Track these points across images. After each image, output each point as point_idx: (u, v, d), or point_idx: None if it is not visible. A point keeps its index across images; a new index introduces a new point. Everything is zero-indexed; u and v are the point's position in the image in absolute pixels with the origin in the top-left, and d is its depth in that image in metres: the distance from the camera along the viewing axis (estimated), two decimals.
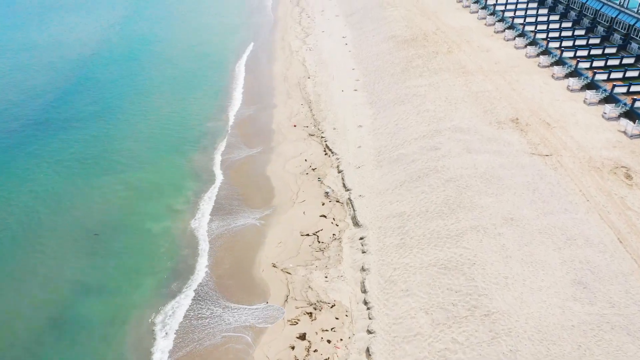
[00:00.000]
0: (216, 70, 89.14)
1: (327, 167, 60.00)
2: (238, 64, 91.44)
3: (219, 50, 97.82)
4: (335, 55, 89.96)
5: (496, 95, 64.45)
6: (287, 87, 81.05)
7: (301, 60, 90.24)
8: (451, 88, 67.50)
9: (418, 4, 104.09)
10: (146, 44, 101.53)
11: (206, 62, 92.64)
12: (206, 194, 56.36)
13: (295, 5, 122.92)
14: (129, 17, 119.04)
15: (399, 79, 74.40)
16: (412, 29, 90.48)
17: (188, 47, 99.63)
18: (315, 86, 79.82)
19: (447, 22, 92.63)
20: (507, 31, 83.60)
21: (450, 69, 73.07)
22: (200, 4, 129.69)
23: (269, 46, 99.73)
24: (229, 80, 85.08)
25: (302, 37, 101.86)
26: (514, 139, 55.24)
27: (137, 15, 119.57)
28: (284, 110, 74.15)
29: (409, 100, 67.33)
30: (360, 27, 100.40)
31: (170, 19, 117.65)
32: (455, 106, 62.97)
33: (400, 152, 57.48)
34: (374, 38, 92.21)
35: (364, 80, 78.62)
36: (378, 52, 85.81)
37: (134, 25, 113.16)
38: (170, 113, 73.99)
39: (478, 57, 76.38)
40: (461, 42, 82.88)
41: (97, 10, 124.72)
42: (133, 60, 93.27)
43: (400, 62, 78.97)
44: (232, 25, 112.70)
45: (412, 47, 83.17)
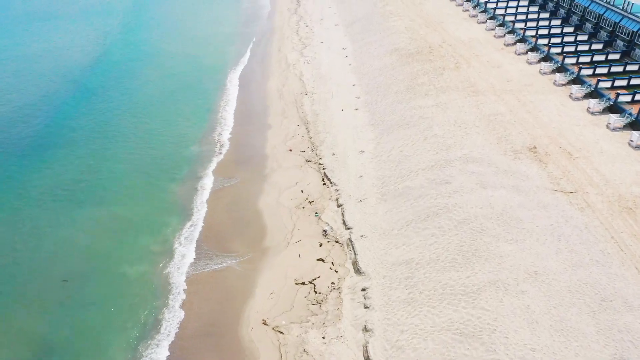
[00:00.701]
0: (208, 85, 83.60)
1: (325, 199, 54.50)
2: (231, 78, 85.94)
3: (212, 63, 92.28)
4: (334, 69, 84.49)
5: (510, 118, 58.92)
6: (283, 105, 75.53)
7: (298, 75, 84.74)
8: (460, 110, 61.99)
9: (422, 14, 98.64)
10: (136, 56, 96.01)
11: (198, 75, 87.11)
12: (188, 231, 50.90)
13: (292, 14, 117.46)
14: (121, 25, 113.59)
15: (403, 97, 68.89)
16: (417, 41, 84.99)
17: (180, 59, 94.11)
18: (313, 104, 74.31)
19: (453, 34, 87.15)
20: (519, 44, 78.10)
21: (459, 88, 67.56)
22: (195, 11, 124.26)
23: (264, 58, 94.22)
24: (221, 97, 79.55)
25: (299, 48, 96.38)
26: (533, 171, 49.71)
27: (129, 24, 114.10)
28: (279, 131, 68.63)
29: (415, 123, 61.84)
30: (361, 38, 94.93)
31: (163, 28, 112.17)
32: (466, 131, 57.44)
33: (406, 184, 51.95)
34: (376, 51, 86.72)
35: (365, 98, 73.14)
36: (380, 67, 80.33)
37: (125, 35, 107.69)
38: (156, 135, 68.46)
39: (488, 74, 70.87)
40: (469, 56, 77.39)
41: (85, 21, 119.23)
42: (122, 75, 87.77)
43: (405, 79, 73.48)
44: (228, 35, 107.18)
45: (417, 61, 77.66)
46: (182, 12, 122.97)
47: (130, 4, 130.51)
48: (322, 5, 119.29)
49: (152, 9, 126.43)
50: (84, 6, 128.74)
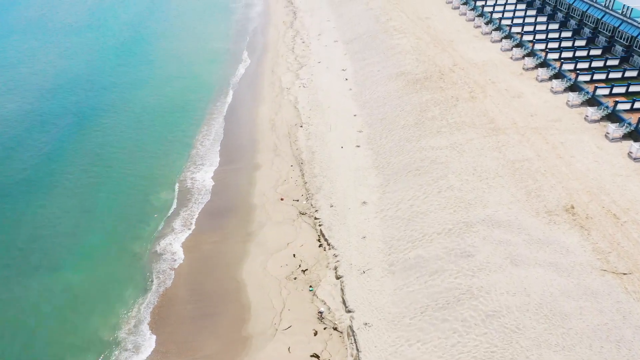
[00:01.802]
0: (192, 113, 74.74)
1: (321, 266, 45.76)
2: (218, 105, 77.10)
3: (197, 86, 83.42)
4: (333, 95, 75.71)
5: (539, 166, 50.12)
6: (275, 139, 66.73)
7: (293, 101, 75.94)
8: (480, 154, 53.23)
9: (430, 30, 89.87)
10: (111, 80, 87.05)
11: (181, 101, 78.26)
12: (144, 312, 42.26)
13: (288, 28, 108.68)
14: (97, 44, 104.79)
15: (411, 134, 60.13)
16: (425, 63, 76.20)
17: (162, 82, 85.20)
18: (309, 139, 65.54)
19: (465, 55, 78.37)
20: (540, 70, 69.30)
21: (476, 124, 58.80)
22: (184, 26, 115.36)
23: (256, 80, 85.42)
24: (206, 128, 70.76)
25: (295, 68, 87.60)
26: (574, 241, 40.93)
27: (107, 42, 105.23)
28: (269, 173, 59.84)
29: (426, 169, 53.07)
30: (362, 57, 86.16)
31: (150, 44, 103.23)
32: (488, 183, 48.67)
33: (418, 253, 43.19)
34: (380, 74, 77.94)
35: (368, 132, 64.41)
36: (385, 94, 71.56)
37: (106, 52, 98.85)
38: (125, 177, 59.72)
39: (508, 106, 62.10)
40: (485, 83, 68.61)
41: (56, 37, 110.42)
42: (93, 103, 78.80)
43: (413, 110, 64.71)
44: (217, 52, 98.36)
45: (426, 89, 68.89)
46: (169, 26, 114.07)
47: (112, 18, 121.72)
48: (320, 19, 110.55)
49: (135, 22, 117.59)
50: (66, 20, 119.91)
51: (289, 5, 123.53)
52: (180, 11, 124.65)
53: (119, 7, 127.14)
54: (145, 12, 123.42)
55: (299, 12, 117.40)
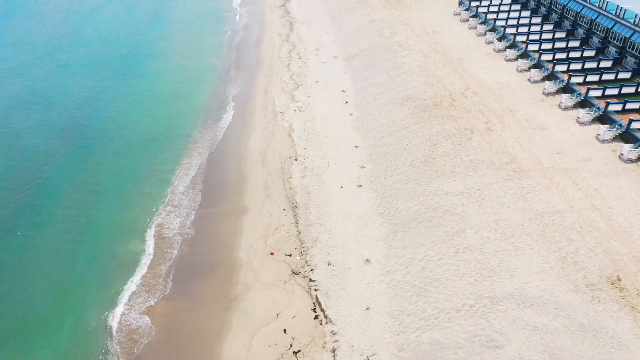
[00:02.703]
0: (174, 143, 67.22)
1: (317, 347, 38.34)
2: (203, 133, 69.55)
3: (182, 110, 75.93)
4: (332, 122, 68.28)
5: (573, 221, 42.70)
6: (266, 176, 59.30)
7: (287, 128, 68.50)
8: (501, 203, 45.80)
9: (437, 47, 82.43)
10: (93, 98, 79.74)
11: (163, 127, 70.76)
12: None
13: (284, 41, 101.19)
14: (83, 58, 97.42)
15: (420, 175, 52.72)
16: (434, 86, 68.77)
17: (146, 104, 77.78)
18: (305, 176, 58.11)
19: (478, 76, 70.94)
20: (564, 97, 61.83)
21: (495, 163, 51.37)
22: (173, 39, 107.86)
23: (247, 103, 77.92)
24: (187, 161, 63.20)
25: (290, 89, 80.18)
26: (625, 329, 33.50)
27: (92, 57, 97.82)
28: (258, 220, 52.38)
29: (439, 220, 45.62)
30: (364, 76, 78.73)
31: (132, 61, 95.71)
32: (514, 243, 41.26)
33: (433, 336, 35.77)
34: (383, 97, 70.52)
35: (371, 169, 56.99)
36: (389, 122, 64.14)
37: (85, 70, 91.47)
38: (87, 222, 52.51)
39: (530, 141, 54.67)
40: (502, 111, 61.19)
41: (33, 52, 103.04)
42: (68, 132, 71.51)
43: (422, 144, 57.30)
44: (207, 70, 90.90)
45: (436, 117, 61.49)
46: (156, 40, 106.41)
47: (94, 33, 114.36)
48: (319, 31, 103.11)
49: (120, 36, 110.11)
50: (50, 35, 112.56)
51: (285, 16, 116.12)
52: (169, 23, 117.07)
53: (103, 22, 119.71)
54: (131, 24, 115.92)
55: (296, 24, 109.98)
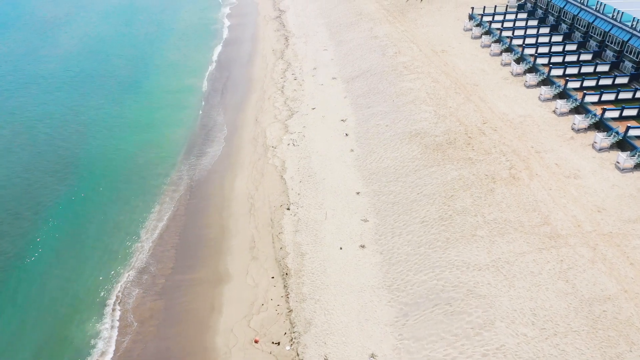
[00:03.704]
0: (148, 183, 58.82)
1: None
2: (182, 172, 60.99)
3: (161, 142, 67.35)
4: (330, 160, 59.78)
5: (630, 313, 34.21)
6: (253, 230, 50.79)
7: (279, 168, 59.98)
8: (537, 283, 37.31)
9: (448, 69, 73.94)
10: (62, 126, 71.25)
11: (137, 164, 62.31)
12: None
13: (278, 58, 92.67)
14: (54, 74, 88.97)
15: (435, 236, 44.23)
16: (446, 120, 60.32)
17: (120, 134, 69.25)
18: (298, 231, 49.58)
19: (496, 107, 62.49)
20: (599, 135, 53.37)
21: (525, 225, 42.89)
22: (158, 55, 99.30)
23: (234, 134, 69.39)
24: (160, 209, 54.73)
25: (284, 117, 71.66)
26: None
27: (69, 73, 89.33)
28: (241, 291, 43.87)
29: (461, 305, 37.11)
30: (366, 104, 70.26)
31: (110, 79, 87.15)
32: (558, 345, 32.76)
33: None
34: (389, 131, 62.05)
35: (375, 224, 48.53)
36: (396, 163, 55.68)
37: (59, 89, 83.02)
38: (36, 293, 43.94)
39: (565, 194, 46.20)
40: (527, 153, 52.73)
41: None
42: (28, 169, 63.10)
43: (435, 195, 48.80)
44: (191, 92, 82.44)
45: (451, 160, 53.03)
46: (140, 55, 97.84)
47: (70, 45, 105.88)
48: (316, 47, 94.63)
49: (101, 49, 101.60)
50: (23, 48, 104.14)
51: (280, 29, 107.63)
52: (152, 37, 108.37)
53: (82, 36, 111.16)
54: (112, 39, 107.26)
55: (292, 38, 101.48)
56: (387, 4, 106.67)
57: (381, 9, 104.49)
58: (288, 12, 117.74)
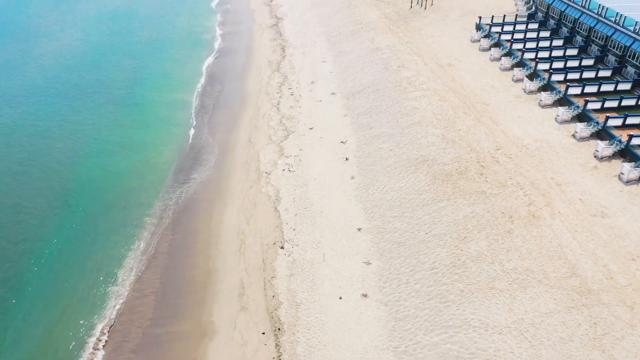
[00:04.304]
0: (128, 216, 53.60)
1: None
2: (165, 206, 55.67)
3: (145, 166, 62.14)
4: (329, 189, 54.62)
5: None
6: (243, 273, 45.62)
7: (273, 198, 54.78)
8: (569, 353, 32.15)
9: (455, 85, 68.81)
10: (38, 147, 66.13)
11: (118, 192, 57.14)
12: None
13: (274, 71, 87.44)
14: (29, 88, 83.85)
15: (447, 287, 39.07)
16: (456, 145, 55.17)
17: (100, 158, 64.08)
18: (293, 275, 44.40)
19: (509, 130, 57.37)
20: (626, 166, 48.15)
21: (549, 276, 37.75)
22: (145, 66, 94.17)
23: (225, 157, 64.20)
24: (139, 247, 49.57)
25: (279, 137, 66.48)
26: None
27: (42, 85, 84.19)
28: (228, 350, 38.65)
29: None
30: (368, 124, 65.14)
31: (95, 93, 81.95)
32: None
33: None
34: (393, 156, 56.92)
35: (379, 267, 43.37)
36: (401, 195, 50.51)
37: (37, 106, 77.90)
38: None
39: (592, 236, 41.06)
40: (547, 185, 47.58)
41: None
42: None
43: (446, 236, 43.63)
44: (180, 108, 77.30)
45: (462, 193, 47.88)
46: (125, 66, 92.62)
47: (53, 53, 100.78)
48: (314, 58, 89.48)
49: (84, 59, 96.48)
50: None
51: (277, 38, 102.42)
52: (146, 45, 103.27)
53: (66, 43, 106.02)
54: (97, 48, 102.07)
55: (289, 48, 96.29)
56: (390, 12, 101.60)
57: (383, 17, 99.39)
58: (285, 20, 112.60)
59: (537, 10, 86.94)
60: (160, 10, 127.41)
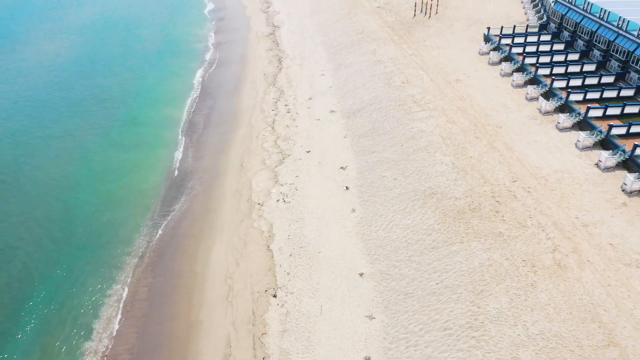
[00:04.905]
0: (103, 261, 48.37)
1: None
2: (146, 243, 50.46)
3: (127, 196, 56.96)
4: (328, 225, 49.39)
5: None
6: (230, 328, 40.36)
7: (266, 234, 49.55)
8: None
9: (465, 104, 63.65)
10: (15, 174, 60.95)
11: (92, 231, 51.84)
12: None
13: (270, 85, 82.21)
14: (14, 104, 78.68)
15: (464, 355, 33.82)
16: (468, 175, 49.98)
17: (78, 185, 58.92)
18: (286, 331, 39.17)
19: (526, 158, 52.16)
20: None
21: (582, 345, 32.54)
22: (139, 76, 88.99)
23: (213, 184, 58.98)
24: (114, 296, 44.35)
25: (274, 162, 61.29)
26: None
27: (19, 99, 78.99)
28: None
29: None
30: (370, 147, 59.96)
31: (79, 109, 76.78)
32: None
33: None
34: (397, 186, 51.71)
35: (384, 323, 38.17)
36: (408, 235, 45.30)
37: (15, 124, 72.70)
38: None
39: (629, 293, 35.89)
40: (573, 226, 42.38)
41: None
42: None
43: (459, 289, 38.41)
44: (168, 126, 72.15)
45: (477, 235, 42.69)
46: (113, 79, 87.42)
47: (38, 67, 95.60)
48: (313, 70, 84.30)
49: (68, 72, 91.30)
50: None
51: (273, 48, 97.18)
52: (135, 55, 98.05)
53: (52, 51, 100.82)
54: (89, 56, 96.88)
55: (286, 59, 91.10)
56: (392, 21, 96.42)
57: (385, 26, 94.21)
58: (282, 28, 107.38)
59: (550, 20, 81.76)
60: (152, 17, 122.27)
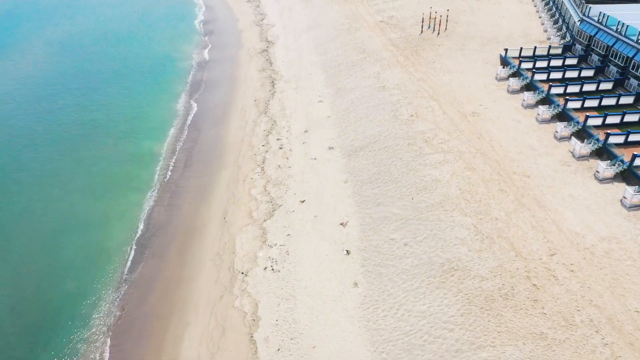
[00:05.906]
0: (70, 327, 39.68)
1: None
2: (100, 332, 41.65)
3: (82, 265, 47.88)
4: (324, 306, 40.53)
5: None
6: None
7: (249, 318, 40.62)
8: None
9: (484, 145, 54.73)
10: None
11: (38, 319, 43.13)
12: None
13: (261, 113, 73.33)
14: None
15: None
16: (495, 246, 41.06)
17: (22, 260, 50.05)
18: None
19: (563, 221, 43.21)
20: None
21: None
22: (115, 102, 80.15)
23: (189, 245, 49.96)
24: None
25: (262, 214, 52.41)
26: None
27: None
28: None
29: None
30: (374, 198, 51.03)
31: (46, 146, 68.03)
32: None
33: None
34: (408, 255, 42.78)
35: None
36: (423, 327, 36.43)
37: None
38: None
39: None
40: (635, 325, 33.54)
41: None
42: None
43: None
44: (147, 162, 63.35)
45: (512, 336, 33.82)
46: (89, 104, 78.56)
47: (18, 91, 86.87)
48: (309, 96, 75.43)
49: (39, 96, 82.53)
50: None
51: (266, 68, 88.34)
52: (113, 76, 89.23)
53: (19, 73, 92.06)
54: (61, 76, 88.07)
55: (280, 82, 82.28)
56: (397, 38, 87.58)
57: (389, 44, 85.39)
58: (277, 44, 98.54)
59: (575, 41, 72.84)
60: (137, 29, 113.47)
